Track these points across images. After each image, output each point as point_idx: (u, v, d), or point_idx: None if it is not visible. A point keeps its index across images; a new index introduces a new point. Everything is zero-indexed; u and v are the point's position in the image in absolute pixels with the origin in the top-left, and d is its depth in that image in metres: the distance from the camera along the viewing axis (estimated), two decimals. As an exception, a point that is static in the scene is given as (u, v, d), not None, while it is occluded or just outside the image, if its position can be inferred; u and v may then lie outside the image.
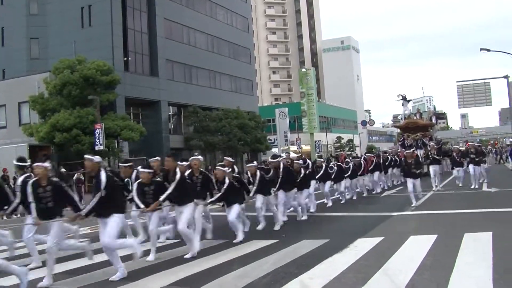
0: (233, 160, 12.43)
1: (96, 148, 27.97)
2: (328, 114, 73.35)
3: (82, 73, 29.75)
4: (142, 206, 8.20)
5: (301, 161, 13.40)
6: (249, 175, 11.03)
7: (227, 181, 9.37)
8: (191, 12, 44.20)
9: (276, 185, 11.24)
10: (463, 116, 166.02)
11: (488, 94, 53.24)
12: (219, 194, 9.34)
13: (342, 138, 67.64)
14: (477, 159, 18.13)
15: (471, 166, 18.10)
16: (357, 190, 17.85)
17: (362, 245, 8.24)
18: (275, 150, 48.37)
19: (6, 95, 34.48)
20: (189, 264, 7.68)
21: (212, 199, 9.41)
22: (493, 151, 45.06)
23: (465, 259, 6.77)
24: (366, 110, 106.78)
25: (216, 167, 9.86)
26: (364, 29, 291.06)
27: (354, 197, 17.10)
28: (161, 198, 8.10)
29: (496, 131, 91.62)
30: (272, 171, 11.67)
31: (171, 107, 41.72)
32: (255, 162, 11.34)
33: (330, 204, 14.90)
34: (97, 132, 28.15)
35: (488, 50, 36.18)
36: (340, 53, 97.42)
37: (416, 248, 7.74)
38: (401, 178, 21.21)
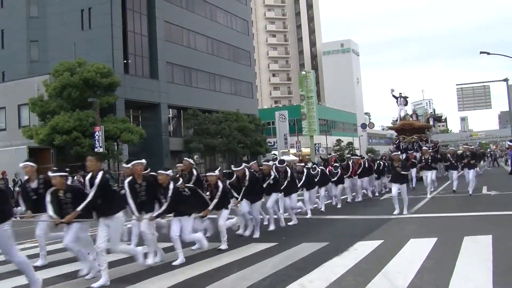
0: (193, 163, 10.96)
1: (96, 150, 27.98)
2: (328, 117, 73.43)
3: (82, 75, 29.74)
4: (55, 216, 6.94)
5: (271, 163, 11.95)
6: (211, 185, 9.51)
7: (171, 187, 8.07)
8: (191, 14, 44.25)
9: (241, 195, 10.19)
10: (463, 119, 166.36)
11: (487, 97, 53.37)
12: (165, 204, 7.98)
13: (342, 141, 67.68)
14: (472, 162, 16.89)
15: (466, 170, 16.97)
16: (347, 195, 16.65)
17: (362, 248, 8.23)
18: (275, 153, 48.42)
19: (6, 97, 34.46)
20: (188, 267, 7.66)
21: (159, 211, 8.00)
22: (488, 155, 44.85)
23: (465, 262, 6.76)
24: (366, 113, 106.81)
25: (158, 171, 8.43)
26: (364, 31, 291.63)
27: (339, 205, 15.48)
28: (79, 208, 6.79)
29: (496, 134, 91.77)
30: (234, 177, 10.55)
31: (171, 109, 41.73)
32: (217, 171, 9.58)
33: (309, 215, 13.16)
34: (96, 135, 28.14)
35: (488, 53, 36.15)
36: (340, 56, 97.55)
37: (416, 251, 7.73)
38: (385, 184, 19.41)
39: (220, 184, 9.24)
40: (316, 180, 14.12)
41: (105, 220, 6.91)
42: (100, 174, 6.94)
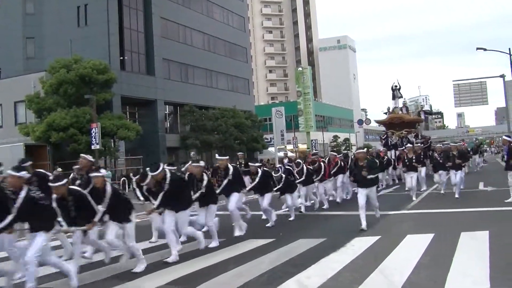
0: (93, 160, 9.13)
1: (93, 147, 27.94)
2: (325, 113, 73.44)
3: (78, 72, 29.67)
4: None
5: (202, 163, 9.51)
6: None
7: (22, 193, 6.22)
8: (187, 11, 44.13)
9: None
10: (460, 115, 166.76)
11: (484, 93, 53.31)
12: (10, 216, 6.14)
13: (339, 137, 67.71)
14: (457, 162, 14.94)
15: (452, 172, 15.07)
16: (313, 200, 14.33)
17: (359, 244, 8.23)
18: (271, 149, 48.40)
19: (2, 94, 34.38)
20: (184, 264, 7.65)
21: (2, 224, 6.04)
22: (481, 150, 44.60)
23: (462, 257, 6.77)
24: (362, 109, 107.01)
25: (8, 172, 6.48)
26: (361, 27, 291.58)
27: (302, 210, 13.40)
28: None
29: (492, 130, 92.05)
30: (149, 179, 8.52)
31: (167, 106, 41.66)
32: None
33: (271, 223, 11.25)
34: (93, 131, 28.08)
35: (484, 50, 36.22)
36: (337, 52, 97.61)
37: (413, 247, 7.74)
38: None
39: (108, 188, 7.39)
40: (279, 186, 11.90)
41: None
42: None
